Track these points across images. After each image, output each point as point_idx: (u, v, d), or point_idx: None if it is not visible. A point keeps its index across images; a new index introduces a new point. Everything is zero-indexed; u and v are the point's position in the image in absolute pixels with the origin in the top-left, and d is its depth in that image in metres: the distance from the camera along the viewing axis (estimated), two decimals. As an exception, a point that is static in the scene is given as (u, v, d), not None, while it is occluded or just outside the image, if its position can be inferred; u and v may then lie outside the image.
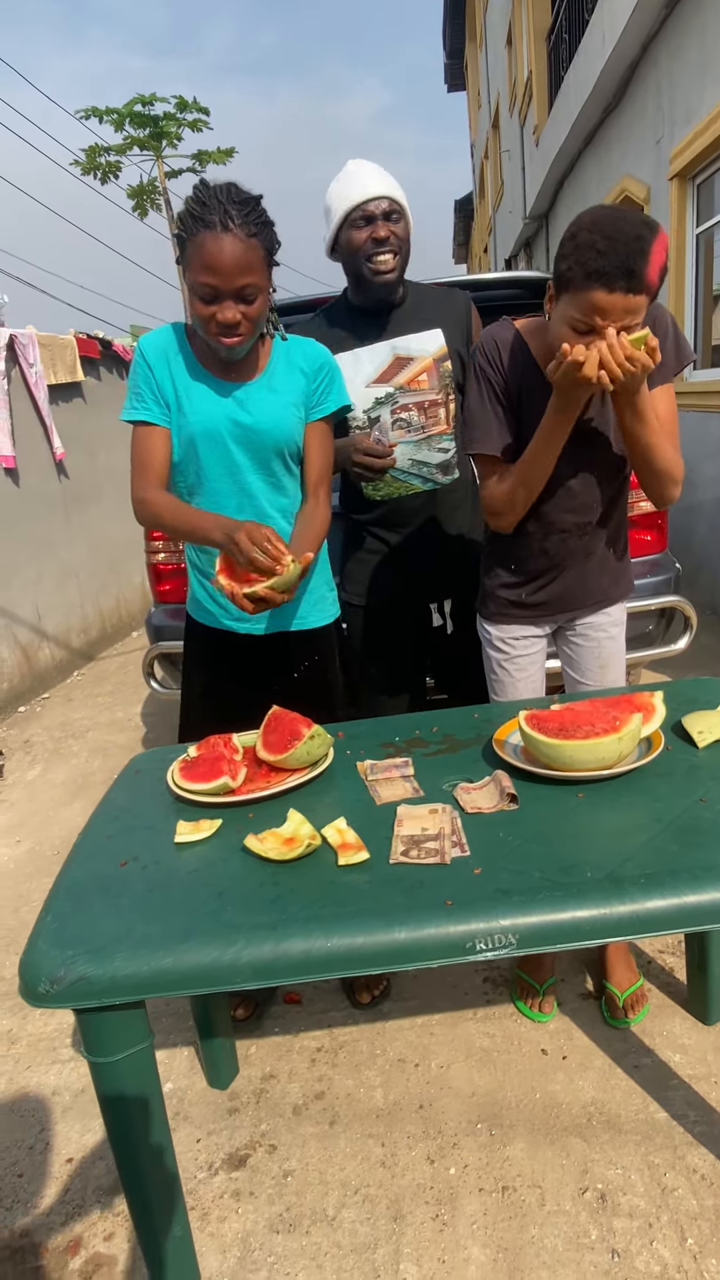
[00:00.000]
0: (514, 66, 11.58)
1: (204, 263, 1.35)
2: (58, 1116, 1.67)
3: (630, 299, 1.22)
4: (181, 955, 0.92)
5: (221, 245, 1.34)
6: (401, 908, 0.95)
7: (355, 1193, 1.43)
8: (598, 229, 1.21)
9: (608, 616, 1.67)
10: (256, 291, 1.40)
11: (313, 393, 1.60)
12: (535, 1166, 1.43)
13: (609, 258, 1.19)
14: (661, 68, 5.14)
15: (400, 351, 1.85)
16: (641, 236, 1.19)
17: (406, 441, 1.86)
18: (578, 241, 1.23)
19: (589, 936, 0.91)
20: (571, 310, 1.27)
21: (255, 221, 1.37)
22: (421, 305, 1.88)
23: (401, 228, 1.74)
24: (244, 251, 1.36)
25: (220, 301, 1.39)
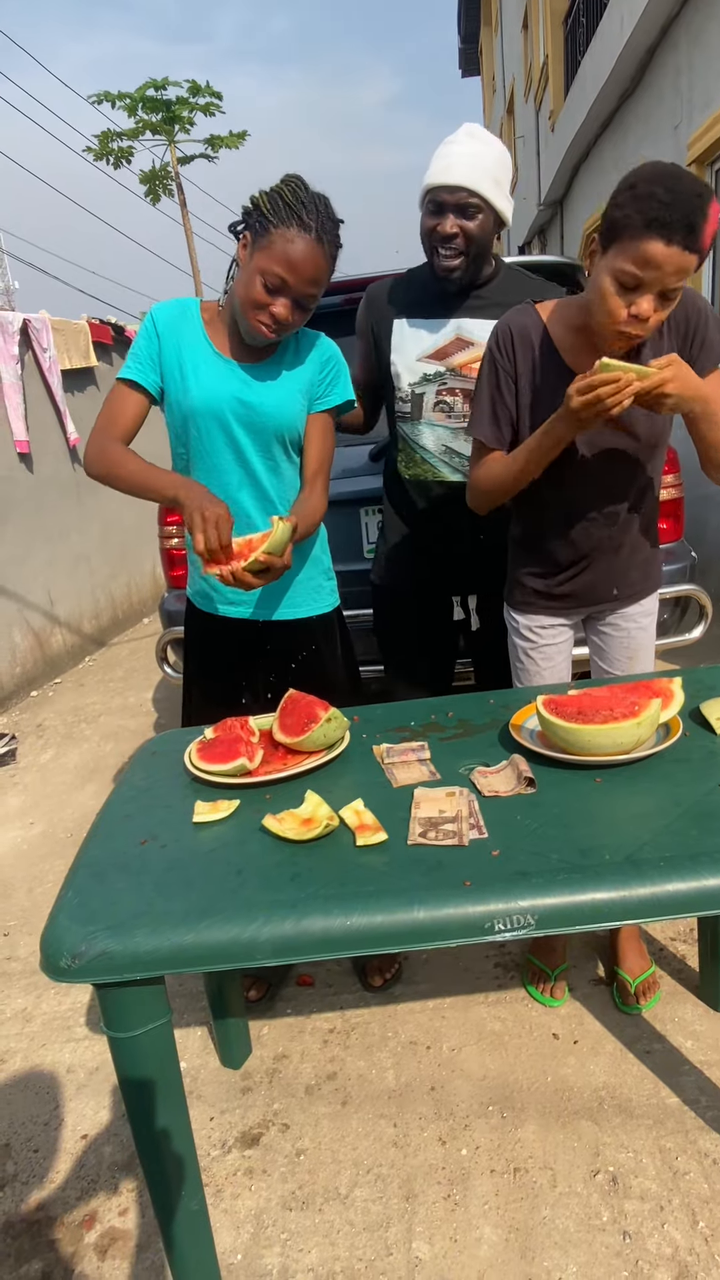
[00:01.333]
0: (530, 51, 11.46)
1: (288, 257, 1.37)
2: (72, 1093, 1.69)
3: (685, 256, 1.18)
4: (202, 932, 0.92)
5: (311, 251, 1.38)
6: (420, 888, 0.95)
7: (368, 1172, 1.44)
8: (660, 180, 1.18)
9: (640, 607, 1.65)
10: (313, 302, 1.45)
11: (318, 383, 1.59)
12: (547, 1149, 1.44)
13: (673, 209, 1.16)
14: (681, 52, 5.08)
15: (464, 333, 1.76)
16: (701, 195, 1.17)
17: (444, 426, 1.81)
18: (637, 191, 1.19)
19: (608, 918, 0.92)
20: (621, 262, 1.22)
21: (337, 244, 1.43)
22: (506, 292, 1.76)
23: (477, 224, 1.62)
24: (324, 266, 1.41)
25: (283, 296, 1.41)
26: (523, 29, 11.91)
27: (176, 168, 16.83)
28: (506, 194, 1.66)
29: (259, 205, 1.41)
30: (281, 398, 1.55)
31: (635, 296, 1.24)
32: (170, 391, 1.54)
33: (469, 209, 1.61)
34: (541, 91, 10.41)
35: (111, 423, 1.53)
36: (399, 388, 1.81)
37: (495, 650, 2.00)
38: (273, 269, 1.38)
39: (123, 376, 1.53)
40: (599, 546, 1.58)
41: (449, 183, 1.58)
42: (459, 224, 1.62)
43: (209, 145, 16.64)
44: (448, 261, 1.66)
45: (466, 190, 1.58)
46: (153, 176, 16.74)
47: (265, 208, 1.40)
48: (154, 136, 16.40)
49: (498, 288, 1.77)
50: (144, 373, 1.53)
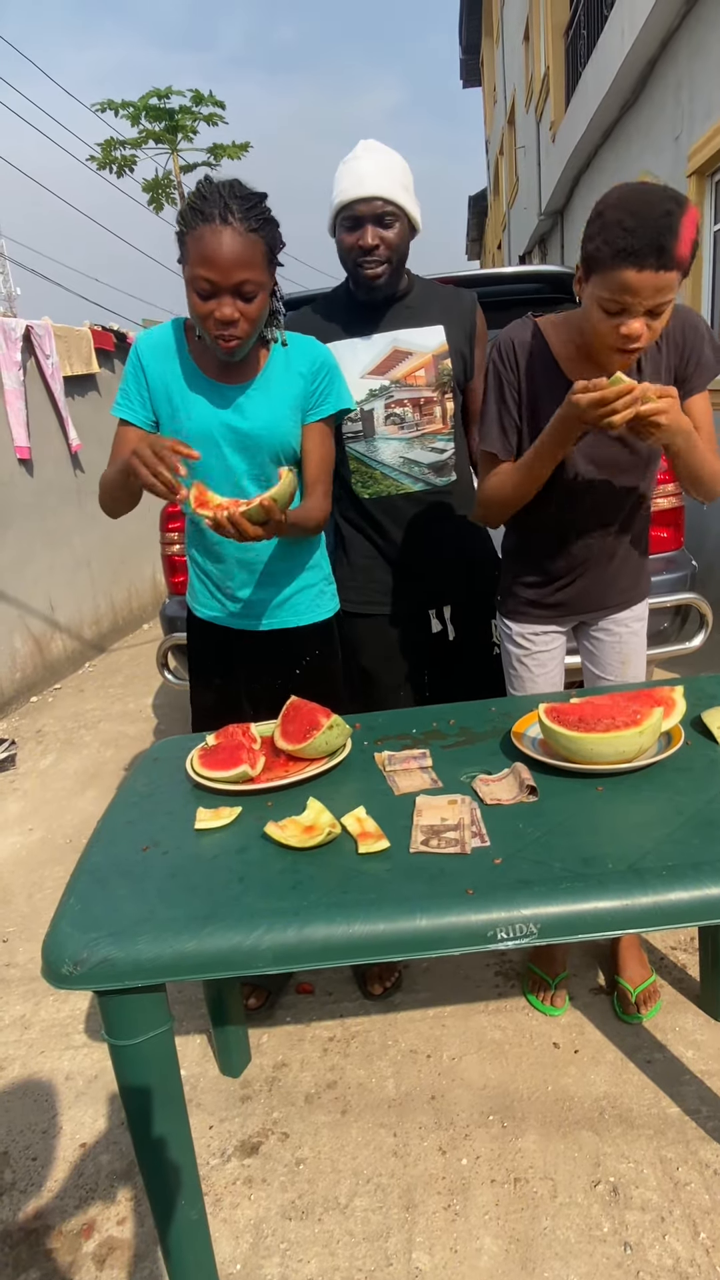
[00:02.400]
0: (531, 62, 11.53)
1: (202, 255, 1.30)
2: (70, 1101, 1.68)
3: (661, 276, 1.20)
4: (204, 939, 0.92)
5: (220, 238, 1.29)
6: (423, 895, 0.95)
7: (367, 1181, 1.43)
8: (624, 206, 1.19)
9: (631, 613, 1.67)
10: (256, 289, 1.35)
11: (311, 394, 1.56)
12: (547, 1159, 1.44)
13: (637, 235, 1.17)
14: (681, 64, 5.11)
15: (400, 345, 1.80)
16: (670, 212, 1.17)
17: (398, 439, 1.82)
18: (604, 220, 1.21)
19: (611, 928, 0.91)
20: (601, 291, 1.25)
21: (257, 217, 1.32)
22: (426, 301, 1.83)
23: (395, 232, 1.66)
24: (244, 246, 1.31)
25: (218, 297, 1.34)
26: (524, 40, 11.99)
27: (179, 176, 16.91)
28: (414, 199, 1.70)
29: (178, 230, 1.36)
30: (272, 418, 1.52)
31: (623, 319, 1.26)
32: (163, 423, 1.53)
33: (385, 218, 1.64)
34: (542, 102, 10.48)
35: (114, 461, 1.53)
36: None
37: (471, 660, 2.00)
38: (196, 274, 1.32)
39: (119, 416, 1.53)
40: (593, 557, 1.60)
41: (363, 195, 1.61)
42: (379, 234, 1.65)
43: (212, 154, 16.72)
44: (372, 270, 1.68)
45: (382, 199, 1.62)
46: (155, 185, 16.82)
47: (178, 223, 1.35)
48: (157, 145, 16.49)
49: (418, 296, 1.82)
50: (134, 410, 1.52)
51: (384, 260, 1.68)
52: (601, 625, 1.68)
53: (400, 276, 1.75)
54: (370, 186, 1.61)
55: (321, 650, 1.72)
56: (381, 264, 1.68)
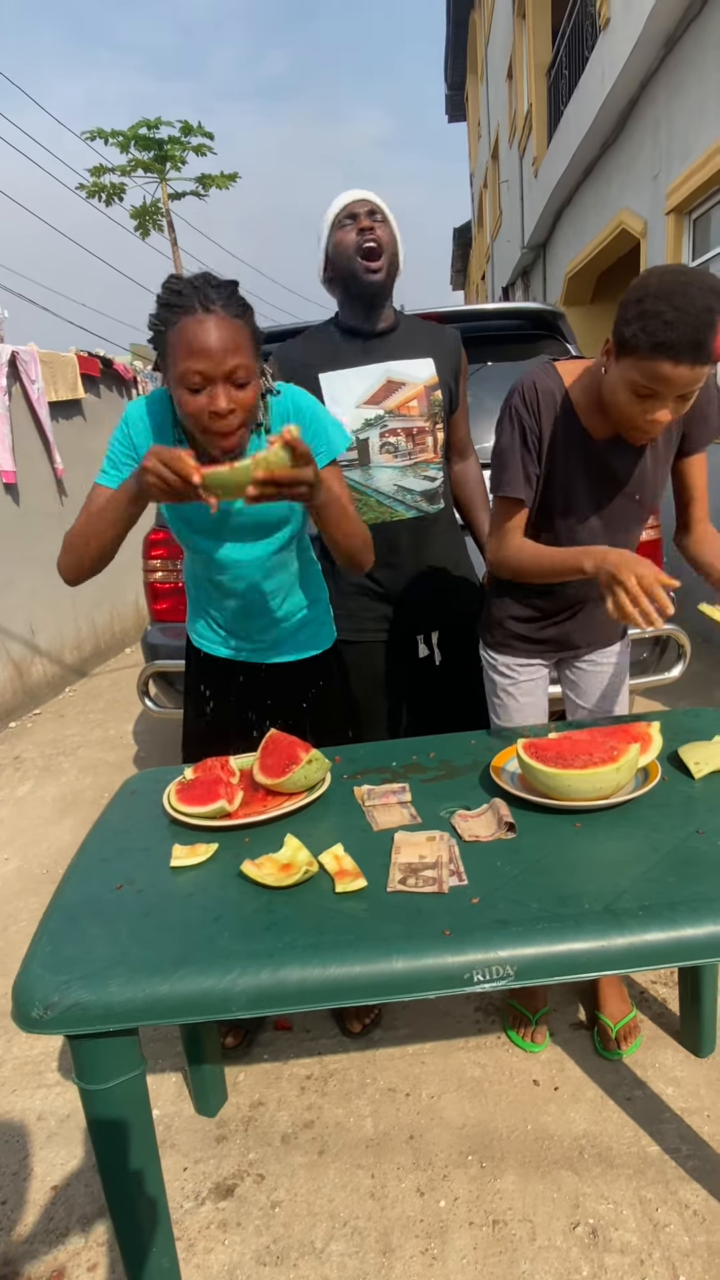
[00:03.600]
0: (514, 99, 11.78)
1: (189, 348, 1.23)
2: (42, 1142, 1.64)
3: (696, 370, 1.19)
4: (177, 982, 0.91)
5: (205, 327, 1.23)
6: (400, 937, 0.94)
7: (344, 1225, 1.41)
8: (666, 298, 1.17)
9: (611, 647, 1.68)
10: (248, 375, 1.28)
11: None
12: (526, 1200, 1.42)
13: (677, 330, 1.15)
14: (660, 105, 5.25)
15: (393, 375, 1.86)
16: (710, 308, 1.15)
17: (393, 467, 1.86)
18: (644, 308, 1.19)
19: (587, 969, 0.91)
20: (635, 375, 1.24)
21: (238, 304, 1.28)
22: (413, 334, 1.90)
23: (386, 232, 1.76)
24: (230, 331, 1.25)
25: (210, 389, 1.26)
26: (507, 78, 12.26)
27: (168, 204, 17.07)
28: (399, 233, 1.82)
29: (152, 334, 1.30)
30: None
31: (652, 404, 1.26)
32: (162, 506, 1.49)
33: (377, 215, 1.76)
34: (525, 139, 10.70)
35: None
36: None
37: (456, 685, 2.01)
38: (182, 368, 1.24)
39: (102, 484, 1.45)
40: (586, 598, 1.61)
41: (355, 197, 1.77)
42: (375, 224, 1.75)
43: (200, 184, 16.91)
44: (374, 259, 1.76)
45: (371, 202, 1.77)
46: (143, 212, 16.98)
47: (155, 327, 1.28)
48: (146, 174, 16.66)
49: (405, 331, 1.90)
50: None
51: (382, 252, 1.76)
52: (586, 658, 1.70)
53: (390, 288, 1.82)
54: (360, 193, 1.77)
55: (327, 680, 1.71)
56: (380, 253, 1.76)
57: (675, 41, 4.80)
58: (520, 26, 10.49)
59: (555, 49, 8.57)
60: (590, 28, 6.55)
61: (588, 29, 6.68)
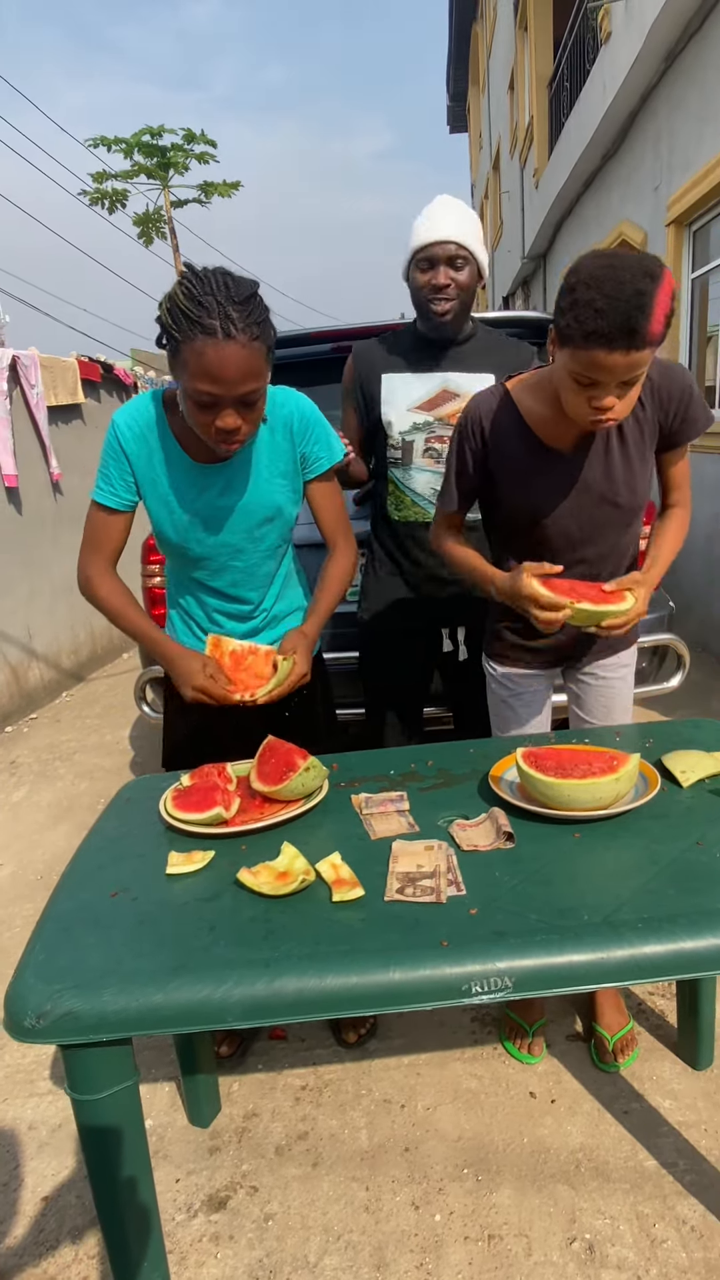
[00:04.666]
0: (515, 111, 11.85)
1: (206, 372, 1.23)
2: (33, 1152, 1.62)
3: (632, 355, 1.18)
4: (172, 992, 0.90)
5: (224, 354, 1.22)
6: (397, 947, 0.94)
7: (338, 1239, 1.39)
8: (596, 285, 1.15)
9: (617, 659, 1.67)
10: (260, 395, 1.30)
11: (301, 456, 1.54)
12: (522, 1215, 1.40)
13: (609, 317, 1.14)
14: (660, 118, 5.27)
15: (450, 386, 1.90)
16: (641, 291, 1.14)
17: (432, 471, 1.92)
18: (575, 297, 1.18)
19: (585, 982, 0.90)
20: (574, 365, 1.24)
21: (257, 321, 1.25)
22: (486, 349, 1.93)
23: (465, 274, 1.77)
24: (248, 358, 1.24)
25: (220, 409, 1.28)
26: (509, 90, 12.33)
27: (170, 212, 17.14)
28: (484, 248, 1.82)
29: (163, 322, 1.28)
30: (263, 489, 1.50)
31: (594, 392, 1.26)
32: (150, 506, 1.51)
33: (457, 261, 1.76)
34: (526, 150, 10.76)
35: (94, 549, 1.54)
36: (390, 436, 1.92)
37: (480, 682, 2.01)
38: (196, 387, 1.25)
39: (97, 500, 1.49)
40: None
41: (439, 238, 1.73)
42: (450, 275, 1.76)
43: (202, 191, 16.98)
44: (442, 307, 1.79)
45: (455, 243, 1.74)
46: (146, 219, 17.04)
47: (168, 324, 1.26)
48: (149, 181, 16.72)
49: (477, 343, 1.93)
50: (116, 495, 1.49)
51: (453, 299, 1.79)
52: (588, 670, 1.68)
53: (465, 318, 1.86)
54: (445, 230, 1.73)
55: (309, 689, 1.71)
56: (451, 301, 1.79)
57: (676, 55, 4.82)
58: (522, 39, 10.56)
59: (557, 61, 8.63)
60: (592, 41, 6.59)
61: (589, 42, 6.73)
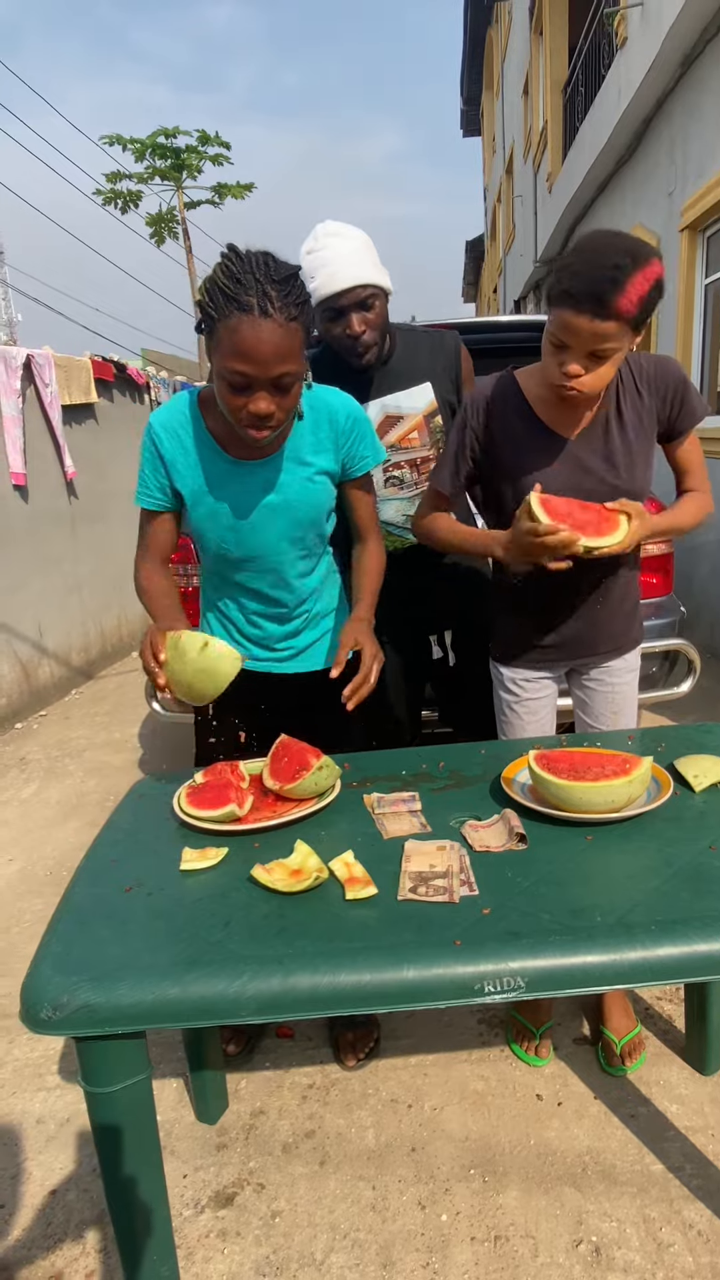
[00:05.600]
0: (529, 115, 11.85)
1: (239, 350, 1.20)
2: (41, 1146, 1.63)
3: (596, 324, 1.25)
4: (187, 986, 0.91)
5: (260, 333, 1.19)
6: (410, 945, 0.94)
7: (344, 1237, 1.39)
8: (580, 251, 1.25)
9: (624, 662, 1.67)
10: (294, 380, 1.27)
11: (345, 457, 1.52)
12: (528, 1216, 1.40)
13: (579, 280, 1.23)
14: (675, 123, 5.27)
15: (390, 410, 1.83)
16: (619, 266, 1.21)
17: (400, 498, 1.87)
18: (564, 260, 1.28)
19: (599, 983, 0.91)
20: (550, 324, 1.32)
21: (296, 302, 1.22)
22: (410, 357, 1.83)
23: (375, 312, 1.67)
24: (284, 338, 1.21)
25: (253, 391, 1.25)
26: (523, 94, 12.34)
27: (183, 213, 17.19)
28: (383, 268, 1.69)
29: (202, 302, 1.26)
30: (305, 488, 1.48)
31: (563, 356, 1.32)
32: (192, 509, 1.50)
33: (366, 301, 1.65)
34: (540, 154, 10.76)
35: (146, 550, 1.56)
36: None
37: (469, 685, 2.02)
38: (229, 366, 1.23)
39: (141, 505, 1.51)
40: (584, 600, 1.61)
41: (341, 287, 1.61)
42: (363, 319, 1.66)
43: (215, 193, 17.02)
44: (363, 359, 1.71)
45: (360, 286, 1.62)
46: (159, 220, 17.10)
47: (206, 303, 1.24)
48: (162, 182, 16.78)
49: (400, 357, 1.82)
50: (159, 500, 1.50)
51: (372, 344, 1.70)
52: (594, 675, 1.69)
53: (385, 346, 1.77)
54: (346, 277, 1.61)
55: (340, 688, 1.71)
56: (370, 347, 1.70)
57: (692, 61, 4.82)
58: (537, 43, 10.56)
59: (572, 66, 8.63)
60: (607, 46, 6.59)
61: (604, 47, 6.73)
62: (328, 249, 1.63)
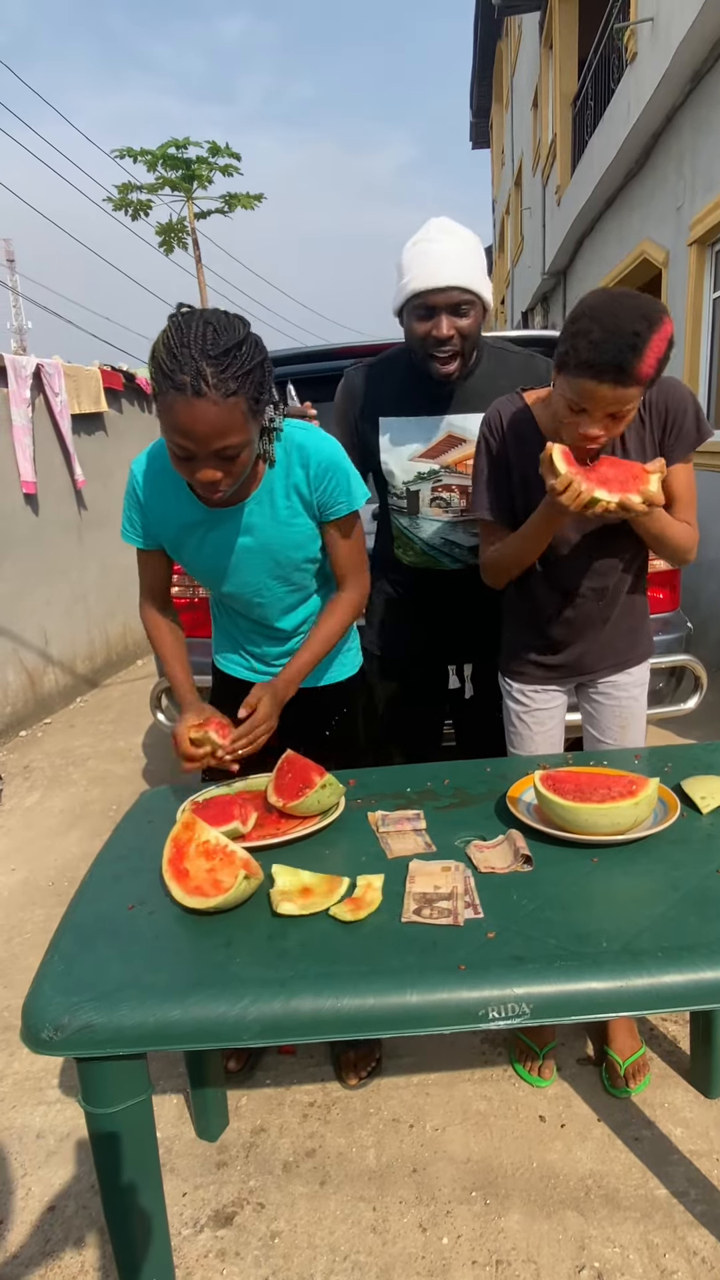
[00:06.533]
0: (539, 128, 11.91)
1: (176, 425, 1.19)
2: (40, 1161, 1.62)
3: (619, 391, 1.24)
4: (189, 1008, 0.90)
5: (194, 411, 1.17)
6: (413, 969, 0.93)
7: (344, 1259, 1.38)
8: (596, 319, 1.22)
9: (630, 676, 1.67)
10: (238, 449, 1.24)
11: (318, 503, 1.47)
12: (530, 1240, 1.39)
13: (601, 350, 1.21)
14: (685, 138, 5.29)
15: (455, 430, 1.74)
16: (638, 333, 1.20)
17: (442, 520, 1.80)
18: (577, 328, 1.25)
19: (605, 1010, 0.90)
20: (567, 391, 1.30)
21: (235, 376, 1.17)
22: (491, 378, 1.72)
23: (470, 321, 1.57)
24: (220, 415, 1.18)
25: (198, 463, 1.24)
26: (533, 107, 12.40)
27: (193, 223, 17.28)
28: (488, 280, 1.61)
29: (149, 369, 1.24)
30: (280, 531, 1.47)
31: (583, 420, 1.32)
32: (170, 550, 1.52)
33: (461, 307, 1.55)
34: (549, 167, 10.80)
35: (145, 587, 1.58)
36: (393, 485, 1.79)
37: (484, 719, 2.00)
38: (172, 439, 1.22)
39: (126, 541, 1.52)
40: (589, 621, 1.62)
41: (440, 285, 1.51)
42: (454, 325, 1.56)
43: (225, 203, 17.11)
44: (445, 367, 1.61)
45: (459, 289, 1.53)
46: (168, 229, 17.18)
47: (150, 372, 1.22)
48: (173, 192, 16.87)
49: (483, 376, 1.73)
50: (143, 539, 1.51)
51: (457, 352, 1.60)
52: (602, 689, 1.68)
53: (468, 365, 1.67)
54: (447, 275, 1.51)
55: (350, 707, 1.71)
56: (455, 356, 1.60)
57: (702, 76, 4.84)
58: (547, 57, 10.61)
59: (581, 80, 8.67)
60: (617, 60, 6.62)
61: (614, 61, 6.75)
62: (435, 243, 1.54)
